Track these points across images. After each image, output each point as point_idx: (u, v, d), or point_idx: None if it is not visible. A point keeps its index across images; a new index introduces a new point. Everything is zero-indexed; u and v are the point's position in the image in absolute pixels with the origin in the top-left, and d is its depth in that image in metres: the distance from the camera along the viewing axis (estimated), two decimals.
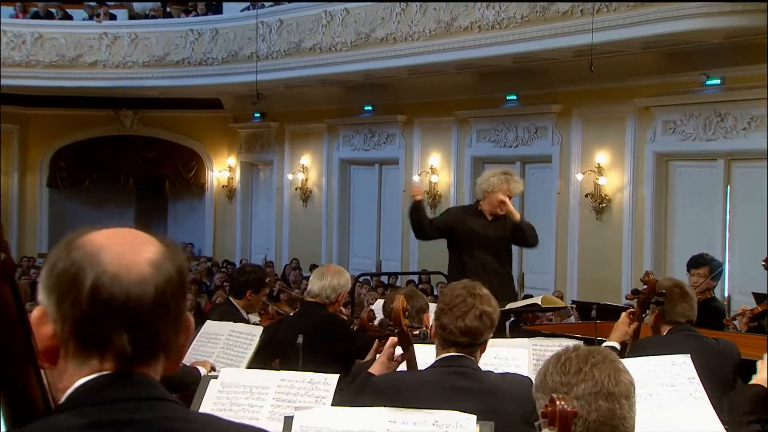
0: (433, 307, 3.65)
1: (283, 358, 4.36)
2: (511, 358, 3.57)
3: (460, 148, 12.94)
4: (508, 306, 5.45)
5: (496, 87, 12.20)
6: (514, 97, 12.22)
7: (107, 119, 17.14)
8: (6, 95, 13.82)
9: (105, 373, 1.19)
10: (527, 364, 3.56)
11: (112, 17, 15.77)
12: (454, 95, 12.75)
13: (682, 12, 8.87)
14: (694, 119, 10.03)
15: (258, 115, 16.34)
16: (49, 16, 15.96)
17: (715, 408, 2.97)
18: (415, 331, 3.14)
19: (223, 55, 14.55)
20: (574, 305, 8.55)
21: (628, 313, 3.86)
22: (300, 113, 15.46)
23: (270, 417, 2.95)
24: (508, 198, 5.73)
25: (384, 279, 12.36)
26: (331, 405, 2.88)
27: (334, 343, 4.40)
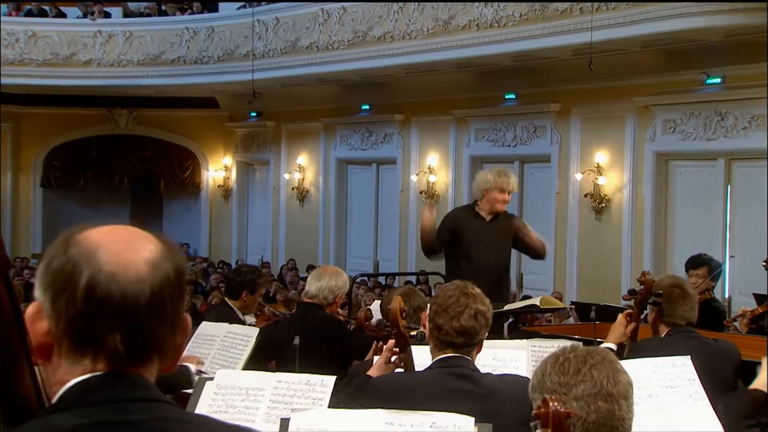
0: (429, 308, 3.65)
1: (279, 359, 4.37)
2: (509, 359, 3.55)
3: (458, 147, 12.91)
4: (507, 307, 5.43)
5: (494, 86, 12.17)
6: (513, 96, 12.20)
7: (102, 118, 17.10)
8: None
9: (98, 373, 1.18)
10: (526, 366, 3.53)
11: (106, 15, 15.74)
12: (452, 94, 12.71)
13: (682, 10, 8.87)
14: (694, 118, 10.02)
15: (254, 114, 16.31)
16: (42, 14, 15.93)
17: (716, 410, 2.94)
18: (413, 332, 3.15)
19: (218, 53, 14.53)
20: (573, 306, 8.57)
21: (625, 314, 3.84)
22: (297, 112, 15.43)
23: (266, 419, 2.94)
24: (507, 195, 5.68)
25: (381, 280, 12.32)
26: (328, 407, 2.87)
27: (331, 344, 4.42)
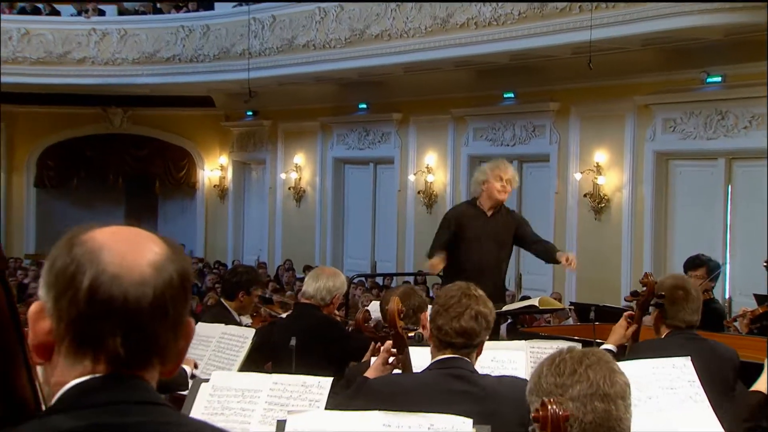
0: (430, 308, 3.64)
1: (276, 360, 4.37)
2: (508, 360, 3.55)
3: (456, 146, 12.86)
4: (505, 308, 5.41)
5: (493, 84, 12.13)
6: (512, 95, 12.17)
7: (96, 117, 17.04)
8: None
9: (98, 375, 1.17)
10: (525, 367, 3.53)
11: (100, 13, 15.70)
12: (451, 93, 12.68)
13: (681, 8, 8.85)
14: (694, 117, 9.99)
15: (250, 113, 16.26)
16: (36, 11, 15.89)
17: (716, 411, 2.94)
18: (411, 333, 3.13)
19: (214, 52, 14.49)
20: (573, 307, 8.54)
21: (626, 315, 3.84)
22: (293, 111, 15.38)
23: (262, 421, 2.93)
24: (506, 183, 5.62)
25: (379, 280, 12.27)
26: (325, 408, 2.86)
27: (328, 345, 4.43)
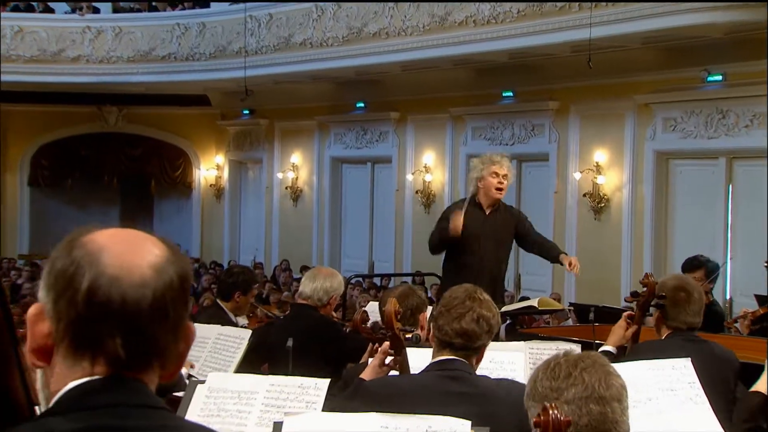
0: (431, 308, 3.76)
1: (272, 361, 4.36)
2: (507, 362, 3.53)
3: (454, 146, 12.83)
4: (504, 308, 5.46)
5: (491, 83, 12.09)
6: (511, 93, 12.14)
7: (91, 116, 16.98)
8: None
9: (97, 377, 1.17)
10: (523, 368, 3.52)
11: (95, 10, 15.69)
12: (449, 92, 12.64)
13: (681, 6, 8.86)
14: (694, 116, 9.98)
15: (247, 111, 16.23)
16: (29, 9, 15.86)
17: (716, 412, 2.93)
18: (408, 335, 3.09)
19: (210, 50, 14.47)
20: (572, 307, 8.53)
21: (626, 316, 3.83)
22: (290, 110, 15.34)
23: (259, 423, 2.91)
24: (502, 179, 5.60)
25: (376, 281, 12.23)
26: (322, 410, 2.84)
27: (325, 346, 4.40)
